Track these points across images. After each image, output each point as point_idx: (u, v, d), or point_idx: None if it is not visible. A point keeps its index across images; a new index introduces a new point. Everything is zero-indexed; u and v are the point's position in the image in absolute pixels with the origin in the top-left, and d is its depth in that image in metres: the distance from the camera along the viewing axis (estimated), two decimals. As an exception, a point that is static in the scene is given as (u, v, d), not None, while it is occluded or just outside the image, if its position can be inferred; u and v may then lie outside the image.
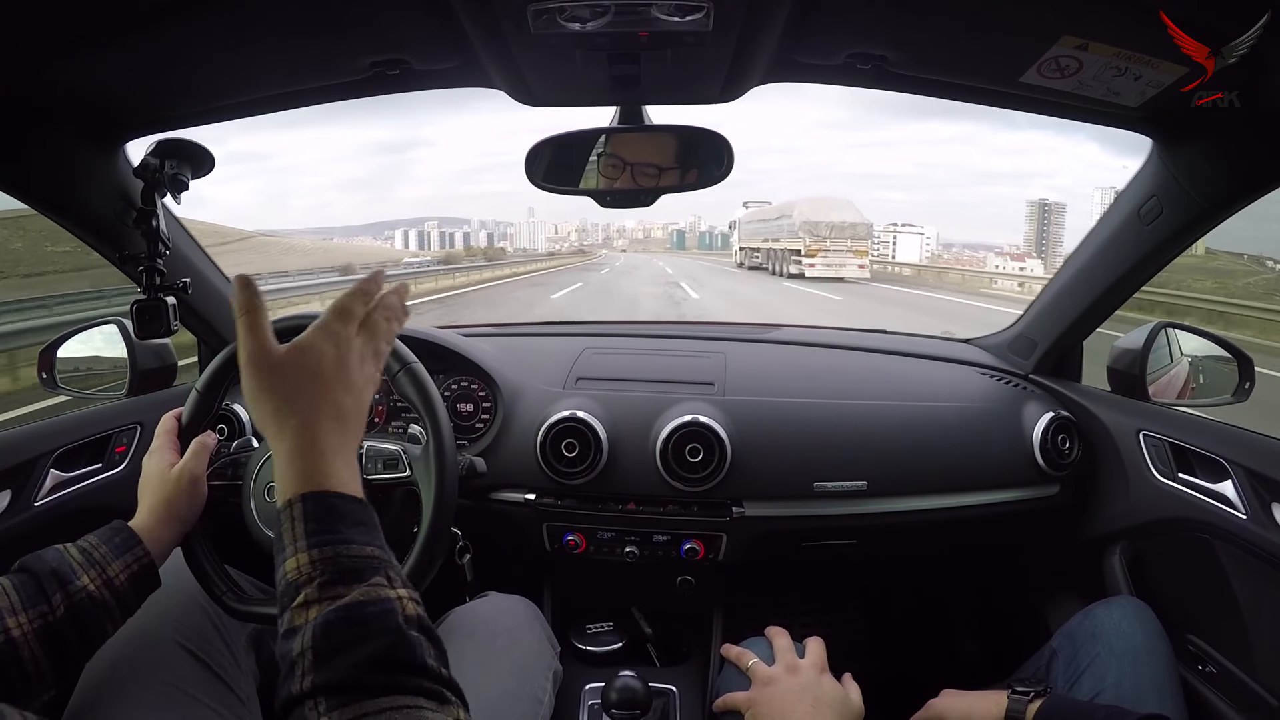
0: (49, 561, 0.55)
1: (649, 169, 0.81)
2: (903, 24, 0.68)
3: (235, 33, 0.66)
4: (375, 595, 0.41)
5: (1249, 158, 0.76)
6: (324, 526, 0.43)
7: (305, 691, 0.38)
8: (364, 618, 0.40)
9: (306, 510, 0.44)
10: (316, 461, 0.45)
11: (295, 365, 0.48)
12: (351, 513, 0.45)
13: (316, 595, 0.40)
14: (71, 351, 1.03)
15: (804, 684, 0.73)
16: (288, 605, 0.41)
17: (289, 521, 0.44)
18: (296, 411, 0.46)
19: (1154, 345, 1.00)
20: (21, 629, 0.51)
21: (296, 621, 0.40)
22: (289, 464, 0.45)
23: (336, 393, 0.48)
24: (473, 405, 1.10)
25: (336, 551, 0.42)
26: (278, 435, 0.46)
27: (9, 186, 0.74)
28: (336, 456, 0.46)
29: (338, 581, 0.41)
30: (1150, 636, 0.77)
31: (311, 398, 0.47)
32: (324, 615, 0.39)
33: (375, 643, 0.39)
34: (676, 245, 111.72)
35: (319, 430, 0.46)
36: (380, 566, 0.43)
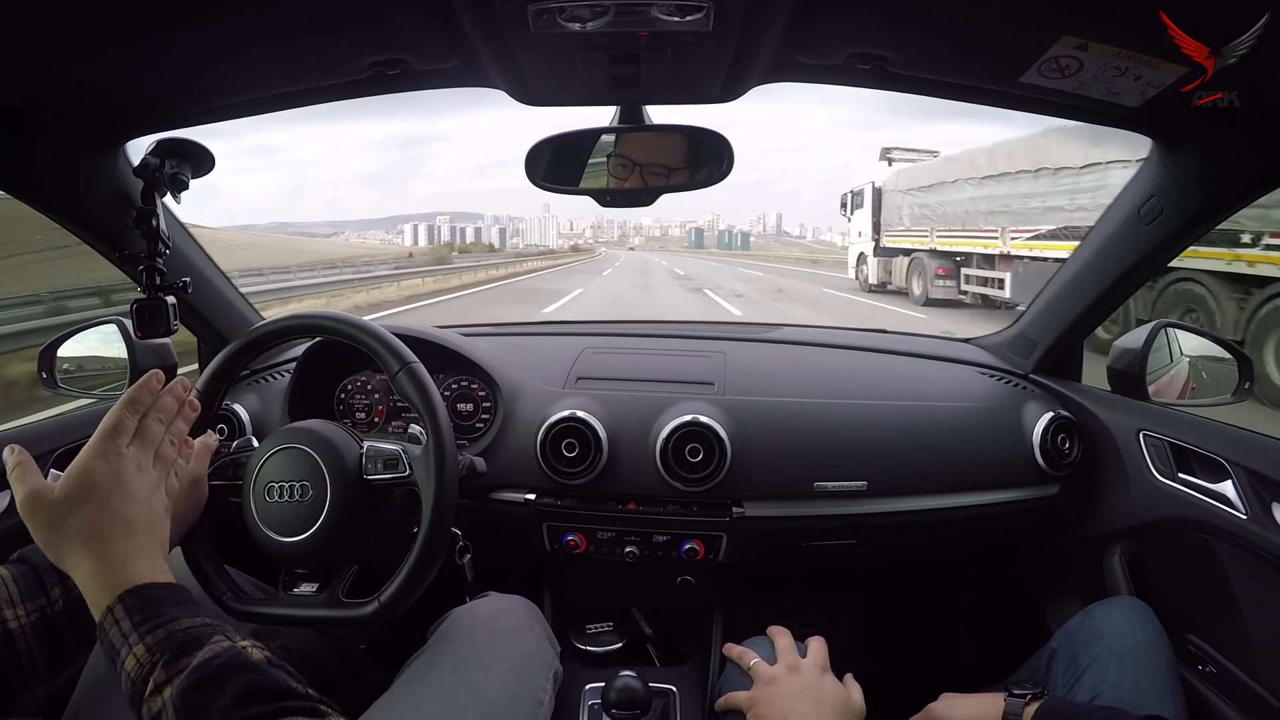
0: None
1: (659, 169, 0.81)
2: (903, 24, 0.68)
3: (235, 32, 0.66)
4: (220, 649, 0.42)
5: (1249, 158, 0.76)
6: (148, 615, 0.44)
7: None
8: (215, 670, 0.41)
9: (126, 608, 0.44)
10: (116, 569, 0.46)
11: (71, 494, 0.49)
12: (169, 596, 0.46)
13: (165, 676, 0.41)
14: (71, 351, 1.03)
15: (806, 684, 0.72)
16: (140, 701, 0.42)
17: (114, 625, 0.44)
18: (81, 535, 0.48)
19: (1154, 345, 1.00)
20: (19, 621, 0.51)
21: (154, 708, 0.41)
22: (92, 583, 0.46)
23: (115, 504, 0.49)
24: (473, 405, 1.10)
25: (169, 631, 0.43)
26: (74, 565, 0.47)
27: (9, 186, 0.75)
28: (135, 558, 0.47)
29: (180, 655, 0.42)
30: (1150, 637, 0.77)
31: (93, 518, 0.48)
32: (179, 687, 0.40)
33: (236, 685, 0.40)
34: (695, 244, 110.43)
35: (107, 543, 0.47)
36: (215, 629, 0.44)
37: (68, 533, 0.48)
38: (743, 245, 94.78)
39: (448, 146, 61.83)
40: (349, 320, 0.79)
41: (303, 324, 0.81)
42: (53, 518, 0.48)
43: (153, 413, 0.55)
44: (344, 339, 0.78)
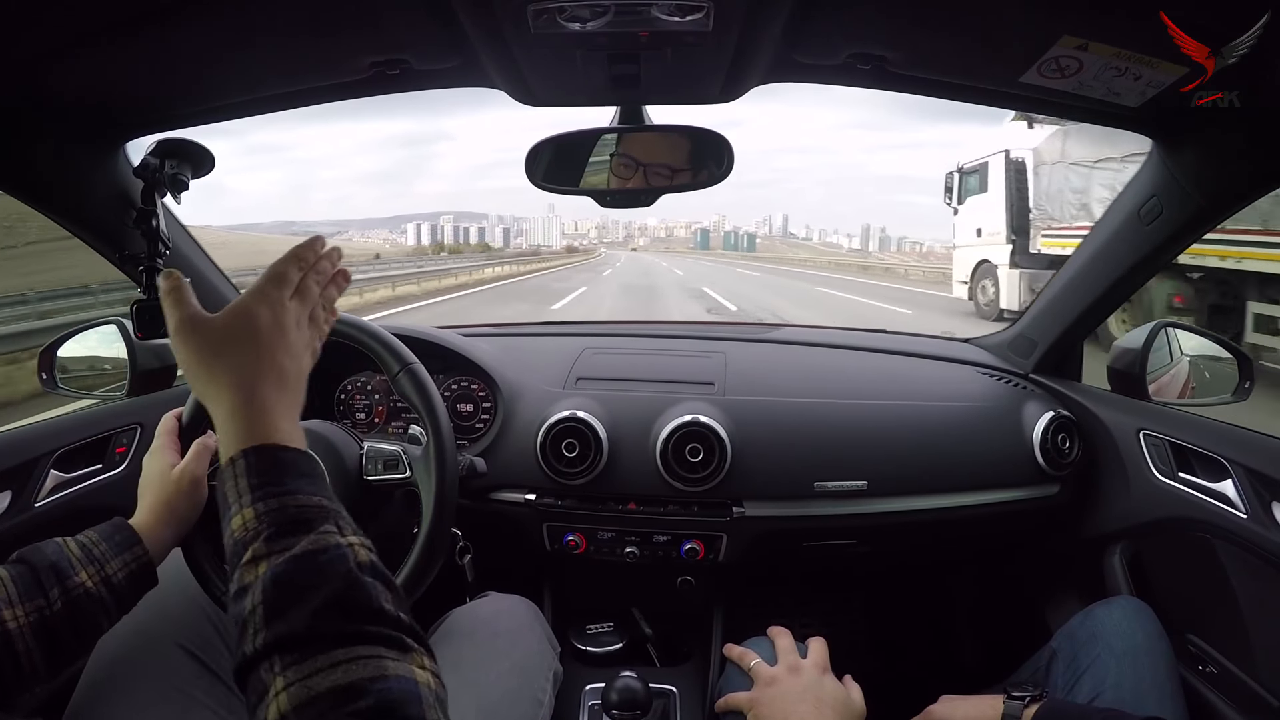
0: (48, 555, 0.55)
1: (661, 169, 0.81)
2: (903, 24, 0.68)
3: (235, 33, 0.66)
4: (325, 543, 0.39)
5: (1249, 158, 0.76)
6: (267, 479, 0.42)
7: (259, 650, 0.36)
8: (315, 566, 0.38)
9: (249, 465, 0.42)
10: (258, 418, 0.44)
11: (229, 329, 0.47)
12: (296, 464, 0.43)
13: (265, 550, 0.39)
14: (71, 351, 1.03)
15: (806, 684, 0.73)
16: (236, 564, 0.40)
17: (231, 479, 0.42)
18: (233, 370, 0.46)
19: (1154, 345, 1.00)
20: (18, 621, 0.51)
21: (246, 579, 0.39)
22: (229, 423, 0.44)
23: (276, 354, 0.47)
24: (473, 405, 1.10)
25: (282, 503, 0.41)
26: (216, 398, 0.45)
27: (9, 186, 0.74)
28: (279, 414, 0.45)
29: (285, 533, 0.40)
30: (1150, 637, 0.77)
31: (249, 358, 0.46)
32: (273, 568, 0.38)
33: (327, 590, 0.37)
34: (700, 245, 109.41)
35: (259, 388, 0.45)
36: (329, 515, 0.42)
37: (220, 367, 0.46)
38: (749, 247, 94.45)
39: (453, 145, 61.63)
40: (349, 321, 0.79)
41: None
42: (209, 345, 0.47)
43: (312, 273, 0.53)
44: (344, 339, 0.78)
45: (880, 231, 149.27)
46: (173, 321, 0.48)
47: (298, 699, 0.34)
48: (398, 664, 0.36)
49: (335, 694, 0.34)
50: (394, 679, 0.35)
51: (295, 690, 0.34)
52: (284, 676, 0.35)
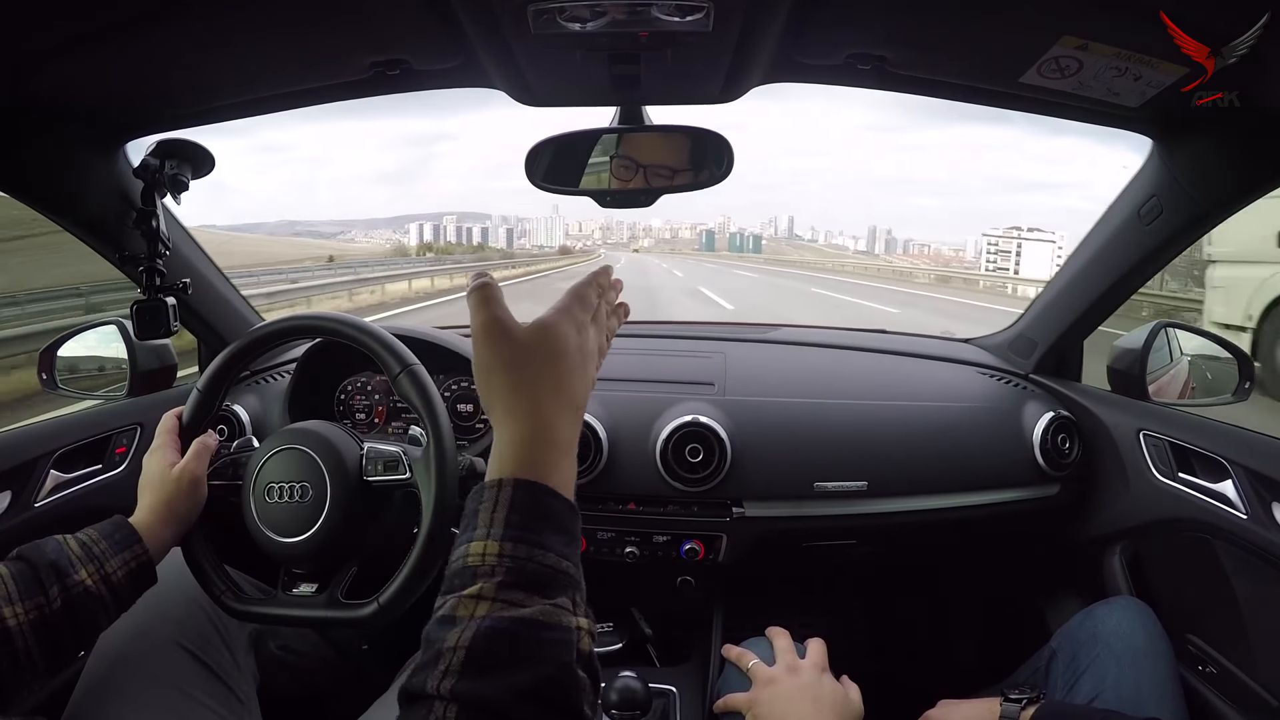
0: (48, 553, 0.56)
1: (662, 170, 0.81)
2: (903, 24, 0.68)
3: (235, 33, 0.66)
4: (555, 619, 0.36)
5: (1249, 158, 0.76)
6: (527, 521, 0.38)
7: (442, 694, 0.33)
8: (536, 641, 0.35)
9: (515, 498, 0.39)
10: (546, 452, 0.41)
11: (536, 344, 0.44)
12: (559, 516, 0.40)
13: (493, 593, 0.36)
14: (71, 352, 1.03)
15: (804, 684, 0.72)
16: (456, 589, 0.37)
17: (491, 502, 0.39)
18: (534, 390, 0.42)
19: (1154, 345, 1.00)
20: (17, 619, 0.51)
21: (460, 613, 0.36)
22: (513, 446, 0.41)
23: (575, 380, 0.44)
24: (473, 406, 1.10)
25: (531, 553, 0.37)
26: (508, 414, 0.42)
27: (9, 186, 0.75)
28: (566, 452, 0.43)
29: (520, 586, 0.36)
30: (1150, 637, 0.77)
31: (551, 381, 0.43)
32: (493, 619, 0.35)
33: (538, 672, 0.34)
34: (706, 246, 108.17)
35: (556, 418, 0.42)
36: (569, 586, 0.38)
37: (522, 381, 0.43)
38: (754, 249, 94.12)
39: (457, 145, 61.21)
40: (350, 321, 0.79)
41: (303, 325, 0.81)
42: (512, 355, 0.43)
43: (604, 302, 0.51)
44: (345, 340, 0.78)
45: (886, 233, 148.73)
46: (480, 319, 0.44)
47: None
48: None
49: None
50: None
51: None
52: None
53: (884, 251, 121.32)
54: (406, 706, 0.35)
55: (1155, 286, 6.14)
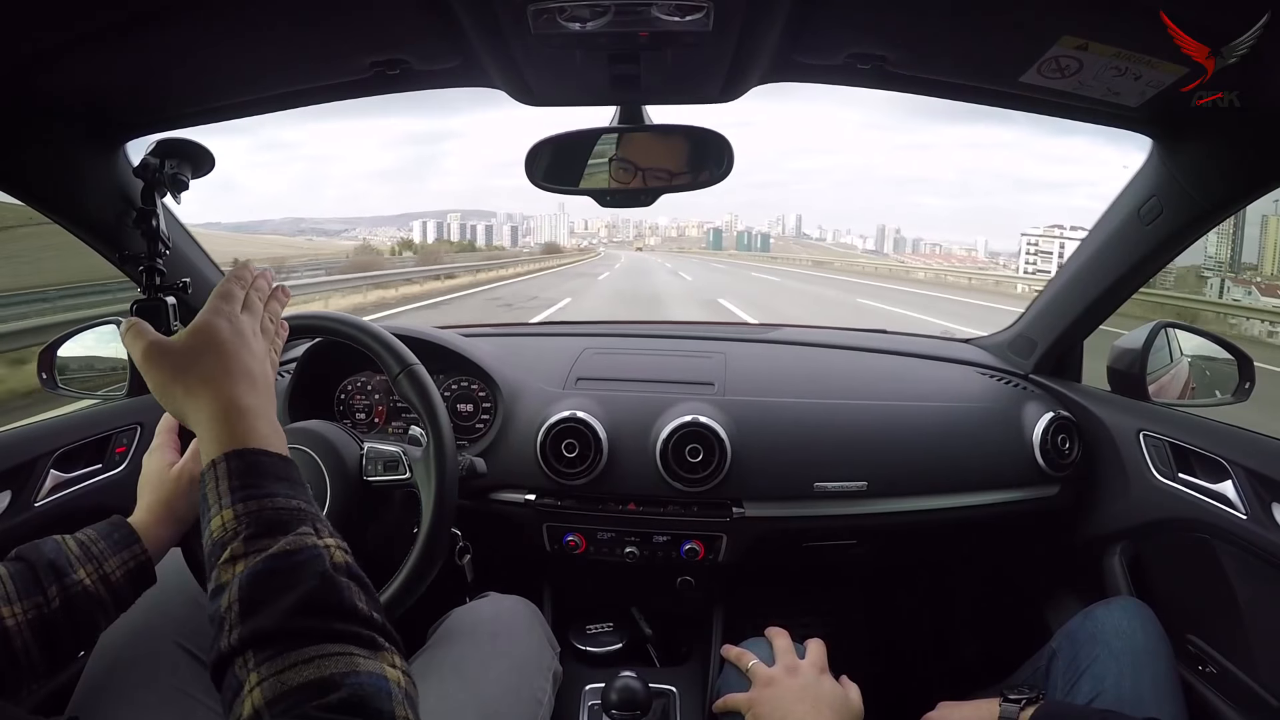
0: (46, 553, 0.55)
1: (660, 173, 0.81)
2: (903, 24, 0.68)
3: (235, 33, 0.66)
4: (301, 544, 0.41)
5: (1249, 158, 0.76)
6: (248, 482, 0.43)
7: (234, 646, 0.37)
8: (290, 565, 0.39)
9: (230, 468, 0.43)
10: (237, 420, 0.46)
11: (194, 345, 0.49)
12: (275, 468, 0.45)
13: (242, 549, 0.40)
14: (72, 351, 1.03)
15: (803, 684, 0.72)
16: (214, 563, 0.41)
17: (213, 481, 0.43)
18: (206, 379, 0.47)
19: (1154, 345, 1.00)
20: (15, 618, 0.51)
21: (224, 578, 0.40)
22: (210, 428, 0.46)
23: (242, 359, 0.49)
24: (473, 405, 1.10)
25: (261, 505, 0.42)
26: (194, 408, 0.47)
27: (9, 186, 0.74)
28: (258, 416, 0.47)
29: (263, 534, 0.41)
30: (1150, 637, 0.77)
31: (219, 367, 0.48)
32: (250, 567, 0.39)
33: (302, 589, 0.38)
34: (713, 245, 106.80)
35: (234, 392, 0.47)
36: (306, 518, 0.43)
37: (192, 379, 0.47)
38: (763, 247, 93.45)
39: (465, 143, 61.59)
40: (350, 321, 0.79)
41: (304, 325, 0.81)
42: (178, 364, 0.48)
43: (252, 290, 0.56)
44: (345, 340, 0.78)
45: (895, 232, 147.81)
46: (138, 352, 0.49)
47: (271, 693, 0.35)
48: (369, 661, 0.37)
49: (308, 688, 0.35)
50: (365, 674, 0.36)
51: (269, 685, 0.35)
52: (257, 672, 0.36)
53: (892, 251, 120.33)
54: (216, 679, 0.39)
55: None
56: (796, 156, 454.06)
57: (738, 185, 21.28)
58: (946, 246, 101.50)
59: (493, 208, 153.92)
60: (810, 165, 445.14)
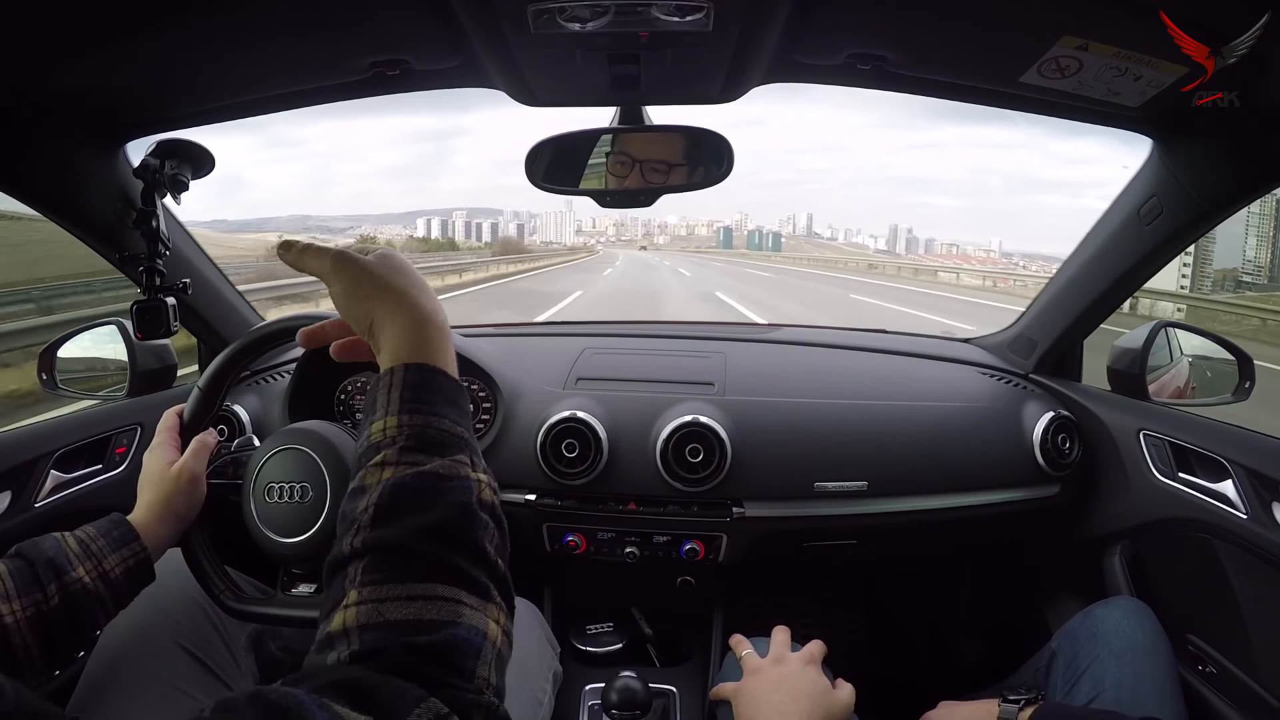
0: (46, 550, 0.55)
1: (658, 166, 0.81)
2: (903, 24, 0.68)
3: (235, 33, 0.66)
4: (454, 470, 0.40)
5: (1249, 158, 0.76)
6: (420, 396, 0.42)
7: (355, 549, 0.36)
8: (437, 487, 0.39)
9: (407, 379, 0.43)
10: (432, 338, 0.45)
11: (385, 263, 0.48)
12: (449, 391, 0.44)
13: (395, 458, 0.40)
14: (71, 352, 1.03)
15: (785, 675, 0.72)
16: (364, 464, 0.41)
17: (386, 387, 0.43)
18: (406, 289, 0.47)
19: (1154, 345, 1.00)
20: (15, 616, 0.51)
21: (368, 480, 0.39)
22: (398, 335, 0.45)
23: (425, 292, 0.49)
24: (472, 405, 1.10)
25: (426, 421, 0.41)
26: (387, 312, 0.46)
27: (9, 186, 0.74)
28: (446, 338, 0.46)
29: (420, 449, 0.40)
30: (1150, 637, 0.77)
31: (414, 282, 0.48)
32: (398, 477, 0.39)
33: (440, 512, 0.38)
34: (723, 244, 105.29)
35: (432, 307, 0.47)
36: (465, 447, 0.42)
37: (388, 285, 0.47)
38: (774, 246, 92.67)
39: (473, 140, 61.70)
40: None
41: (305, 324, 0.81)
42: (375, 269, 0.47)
43: None
44: None
45: (907, 232, 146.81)
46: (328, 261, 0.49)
47: (366, 618, 0.34)
48: (474, 613, 0.36)
49: (402, 626, 0.34)
50: (464, 628, 0.35)
51: (367, 609, 0.34)
52: (360, 591, 0.35)
53: (905, 251, 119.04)
54: (330, 578, 0.38)
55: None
56: (805, 155, 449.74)
57: (747, 184, 21.20)
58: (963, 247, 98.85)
59: (500, 205, 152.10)
60: (818, 164, 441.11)
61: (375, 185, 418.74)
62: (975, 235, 52.46)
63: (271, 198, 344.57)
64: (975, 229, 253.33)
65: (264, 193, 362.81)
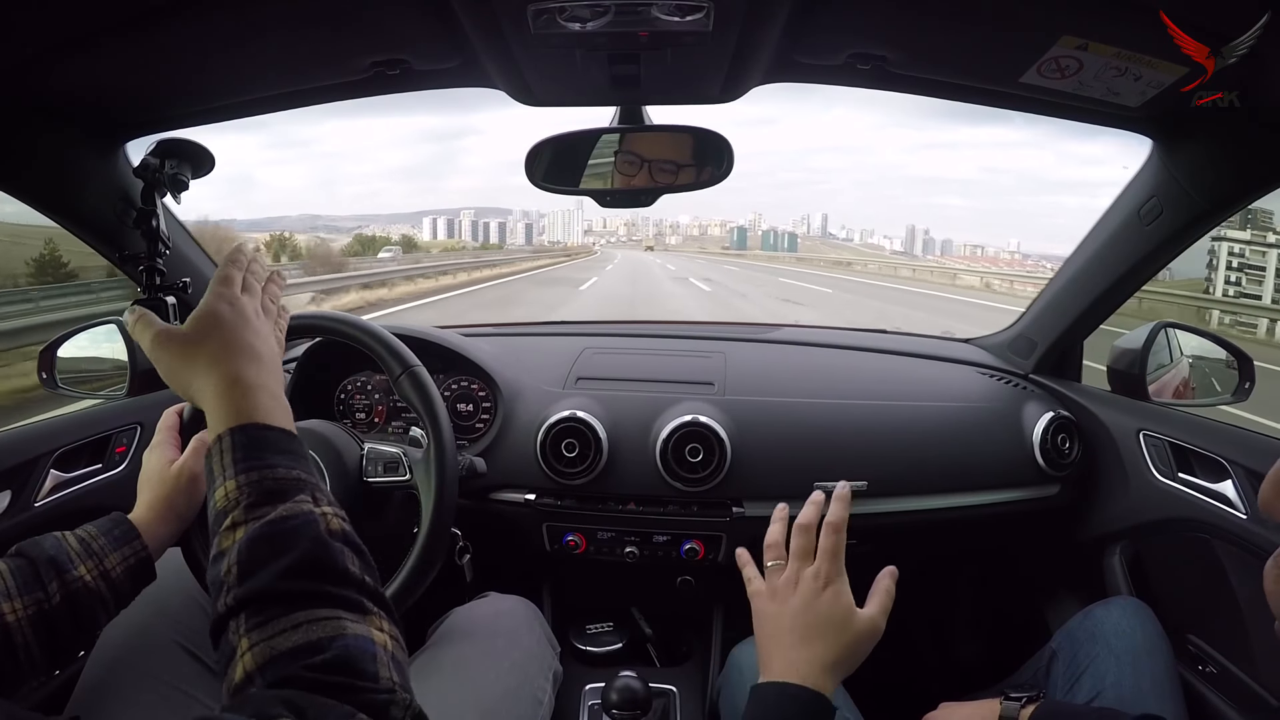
0: (47, 549, 0.56)
1: (666, 166, 0.81)
2: (903, 24, 0.68)
3: (235, 33, 0.66)
4: (298, 510, 0.42)
5: (1249, 158, 0.76)
6: (250, 454, 0.44)
7: (230, 607, 0.38)
8: (285, 530, 0.41)
9: (234, 441, 0.45)
10: (242, 396, 0.47)
11: (198, 330, 0.51)
12: (277, 442, 0.46)
13: (243, 517, 0.41)
14: (71, 351, 1.03)
15: (794, 610, 0.60)
16: (217, 531, 0.42)
17: (218, 454, 0.45)
18: (211, 359, 0.49)
19: (1154, 345, 1.00)
20: (16, 615, 0.51)
21: (224, 544, 0.41)
22: (216, 404, 0.47)
23: (245, 337, 0.51)
24: (472, 405, 1.10)
25: (261, 475, 0.43)
26: (201, 387, 0.48)
27: (9, 187, 0.75)
28: (261, 392, 0.48)
29: (263, 502, 0.42)
30: (1150, 636, 0.77)
31: (223, 346, 0.50)
32: (249, 532, 0.40)
33: (296, 552, 0.39)
34: (737, 244, 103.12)
35: (239, 369, 0.48)
36: (304, 486, 0.44)
37: (198, 361, 0.49)
38: (790, 247, 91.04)
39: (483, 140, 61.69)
40: (351, 321, 0.79)
41: (304, 324, 0.81)
42: (184, 349, 0.50)
43: (249, 273, 0.57)
44: (346, 340, 0.78)
45: (924, 233, 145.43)
46: (147, 340, 0.51)
47: (262, 657, 0.36)
48: (356, 625, 0.38)
49: (296, 652, 0.36)
50: (351, 637, 0.37)
51: (259, 650, 0.36)
52: (248, 637, 0.37)
53: (921, 252, 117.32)
54: (216, 641, 0.39)
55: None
56: (817, 155, 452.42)
57: (758, 184, 20.89)
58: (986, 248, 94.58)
59: (510, 205, 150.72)
60: (831, 164, 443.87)
61: (384, 186, 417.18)
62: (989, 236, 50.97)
63: (281, 197, 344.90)
64: (988, 229, 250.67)
65: (275, 192, 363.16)
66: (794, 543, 0.66)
